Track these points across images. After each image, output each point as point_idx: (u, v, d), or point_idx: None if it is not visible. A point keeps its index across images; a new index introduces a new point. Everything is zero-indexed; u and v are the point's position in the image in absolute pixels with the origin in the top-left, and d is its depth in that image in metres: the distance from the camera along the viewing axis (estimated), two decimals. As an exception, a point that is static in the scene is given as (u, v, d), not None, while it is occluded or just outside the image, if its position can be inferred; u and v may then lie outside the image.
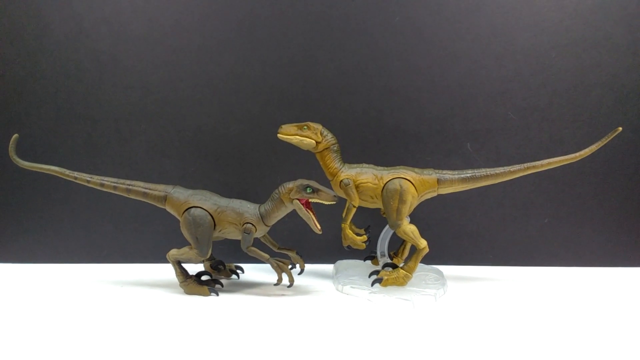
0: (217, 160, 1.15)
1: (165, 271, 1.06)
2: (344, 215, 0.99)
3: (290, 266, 0.98)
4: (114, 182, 0.96)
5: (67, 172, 0.96)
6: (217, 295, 0.94)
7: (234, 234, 0.94)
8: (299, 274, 1.00)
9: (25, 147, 1.05)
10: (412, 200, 0.94)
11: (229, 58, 1.12)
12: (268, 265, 0.95)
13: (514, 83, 1.11)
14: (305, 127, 0.96)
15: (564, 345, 0.74)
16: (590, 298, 0.95)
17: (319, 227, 0.90)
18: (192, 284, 0.95)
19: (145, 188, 0.96)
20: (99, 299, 0.92)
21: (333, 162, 0.97)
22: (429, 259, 1.03)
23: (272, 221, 0.93)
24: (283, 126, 0.96)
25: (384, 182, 0.95)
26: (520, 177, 0.97)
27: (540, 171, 0.96)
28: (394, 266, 1.01)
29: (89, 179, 0.96)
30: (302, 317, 0.84)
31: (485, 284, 1.03)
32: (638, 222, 1.15)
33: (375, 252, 1.06)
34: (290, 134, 0.96)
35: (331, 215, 1.03)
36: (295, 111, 1.13)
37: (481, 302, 0.92)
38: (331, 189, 0.97)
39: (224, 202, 0.93)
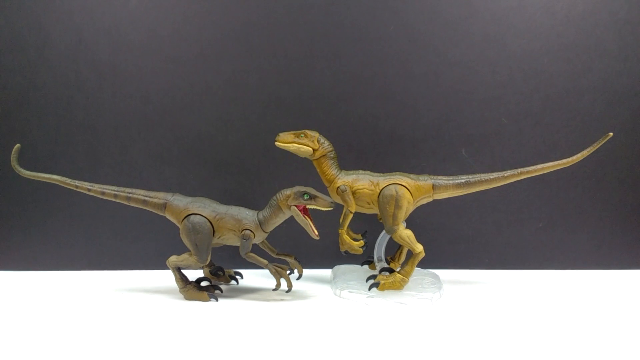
0: (216, 168, 1.16)
1: (165, 277, 1.07)
2: (341, 221, 1.01)
3: (288, 271, 0.99)
4: (115, 191, 0.97)
5: (69, 180, 0.97)
6: (217, 300, 0.95)
7: (232, 240, 0.95)
8: (297, 279, 1.01)
9: (27, 157, 1.06)
10: (408, 205, 0.96)
11: (226, 67, 1.14)
12: (267, 271, 0.96)
13: (507, 88, 1.13)
14: (302, 134, 0.97)
15: (559, 348, 0.75)
16: (585, 301, 0.96)
17: (317, 233, 0.91)
18: (192, 289, 0.96)
19: (145, 196, 0.97)
20: (100, 306, 0.93)
21: (330, 169, 0.99)
22: (425, 263, 1.04)
23: (271, 227, 0.94)
24: (280, 134, 0.98)
25: (380, 188, 0.96)
26: (515, 181, 0.98)
27: (534, 176, 0.98)
28: (391, 270, 1.01)
29: (89, 187, 0.97)
30: (301, 322, 0.85)
31: (481, 288, 1.05)
32: (631, 224, 1.16)
33: (373, 257, 1.07)
34: (288, 142, 0.97)
35: (328, 221, 1.04)
36: (292, 119, 1.14)
37: (477, 305, 0.93)
38: (328, 195, 0.99)
39: (222, 209, 0.94)
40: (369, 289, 0.97)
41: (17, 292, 1.02)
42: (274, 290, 0.97)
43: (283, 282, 0.97)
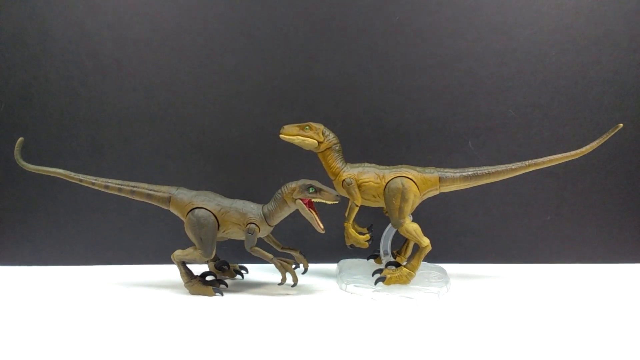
0: (220, 161, 1.16)
1: (170, 272, 1.07)
2: (346, 214, 1.00)
3: (294, 266, 0.98)
4: (119, 184, 0.97)
5: (72, 174, 0.97)
6: (222, 295, 0.95)
7: (237, 234, 0.95)
8: (303, 273, 1.00)
9: (30, 151, 1.06)
10: (414, 198, 0.95)
11: (230, 60, 1.13)
12: (272, 265, 0.96)
13: (515, 81, 1.12)
14: (307, 127, 0.97)
15: (567, 342, 0.74)
16: (593, 295, 0.95)
17: (322, 227, 0.90)
18: (197, 284, 0.95)
19: (150, 190, 0.97)
20: (105, 300, 0.93)
21: (335, 162, 0.98)
22: (431, 257, 1.03)
23: (276, 221, 0.94)
24: (285, 127, 0.97)
25: (386, 181, 0.95)
26: (522, 174, 0.97)
27: (542, 168, 0.97)
28: (397, 265, 1.01)
29: (93, 181, 0.97)
30: (306, 316, 0.84)
31: (488, 282, 1.04)
32: (640, 218, 1.15)
33: (379, 251, 1.07)
34: (293, 135, 0.97)
35: (334, 214, 1.03)
36: (297, 112, 1.13)
37: (484, 299, 0.93)
38: (334, 188, 0.98)
39: (227, 202, 0.94)
40: (375, 283, 0.96)
41: (21, 287, 1.02)
42: (279, 284, 0.96)
43: (288, 276, 0.97)
